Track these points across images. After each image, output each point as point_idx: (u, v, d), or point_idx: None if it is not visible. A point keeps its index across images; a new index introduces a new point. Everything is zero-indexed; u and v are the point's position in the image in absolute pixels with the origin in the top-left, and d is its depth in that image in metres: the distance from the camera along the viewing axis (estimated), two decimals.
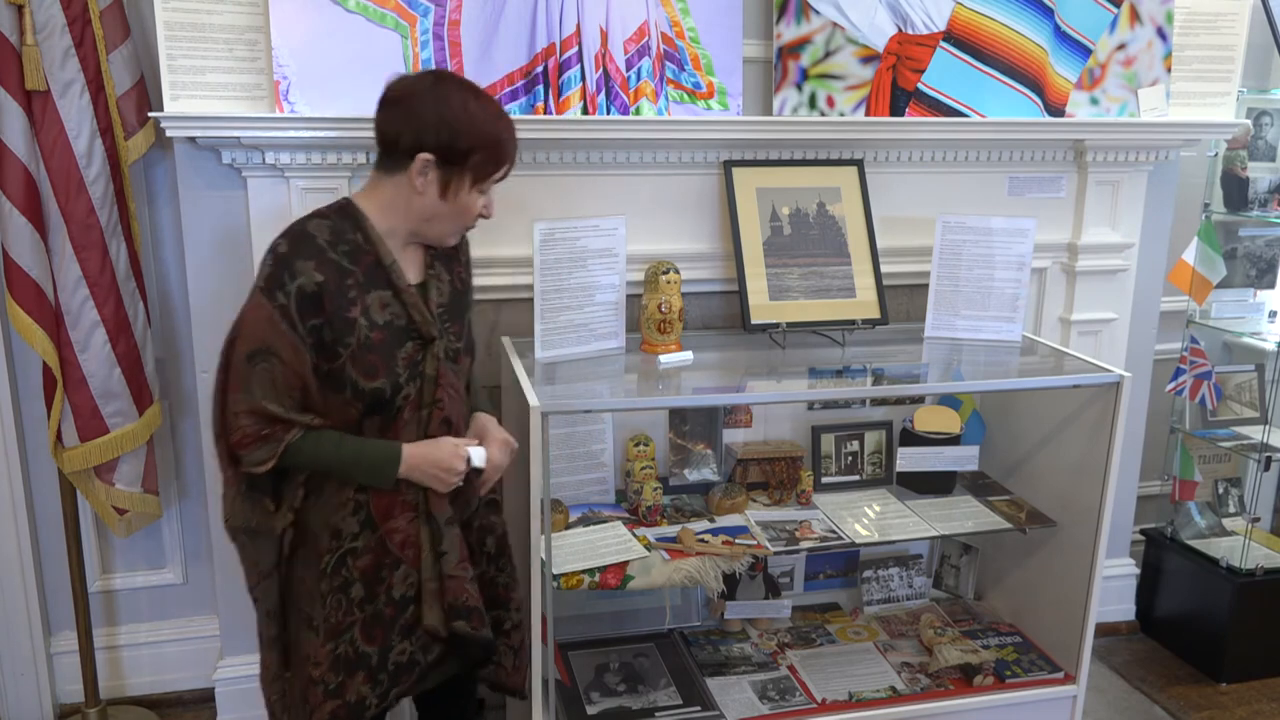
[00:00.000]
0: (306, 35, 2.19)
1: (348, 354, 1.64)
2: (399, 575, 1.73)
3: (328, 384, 1.66)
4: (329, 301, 1.63)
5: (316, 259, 1.63)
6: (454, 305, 1.81)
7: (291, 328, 1.61)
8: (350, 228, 1.69)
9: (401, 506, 1.72)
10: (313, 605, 1.72)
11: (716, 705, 2.34)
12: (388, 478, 1.69)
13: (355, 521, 1.71)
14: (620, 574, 2.18)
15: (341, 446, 1.67)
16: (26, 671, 2.64)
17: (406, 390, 1.70)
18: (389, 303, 1.69)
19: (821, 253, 2.53)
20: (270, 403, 1.62)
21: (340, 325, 1.64)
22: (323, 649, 1.71)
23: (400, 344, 1.69)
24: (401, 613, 1.74)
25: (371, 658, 1.72)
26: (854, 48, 2.54)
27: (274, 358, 1.62)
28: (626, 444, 2.52)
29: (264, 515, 1.71)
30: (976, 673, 2.43)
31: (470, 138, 1.67)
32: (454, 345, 1.78)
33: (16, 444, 2.52)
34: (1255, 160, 3.02)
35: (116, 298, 2.32)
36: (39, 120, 2.20)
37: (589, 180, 2.46)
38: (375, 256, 1.69)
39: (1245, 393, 3.18)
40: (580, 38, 2.36)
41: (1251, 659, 2.99)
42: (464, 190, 1.70)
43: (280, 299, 1.61)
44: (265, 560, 1.74)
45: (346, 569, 1.71)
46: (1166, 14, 2.70)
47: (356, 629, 1.72)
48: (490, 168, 1.71)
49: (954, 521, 2.48)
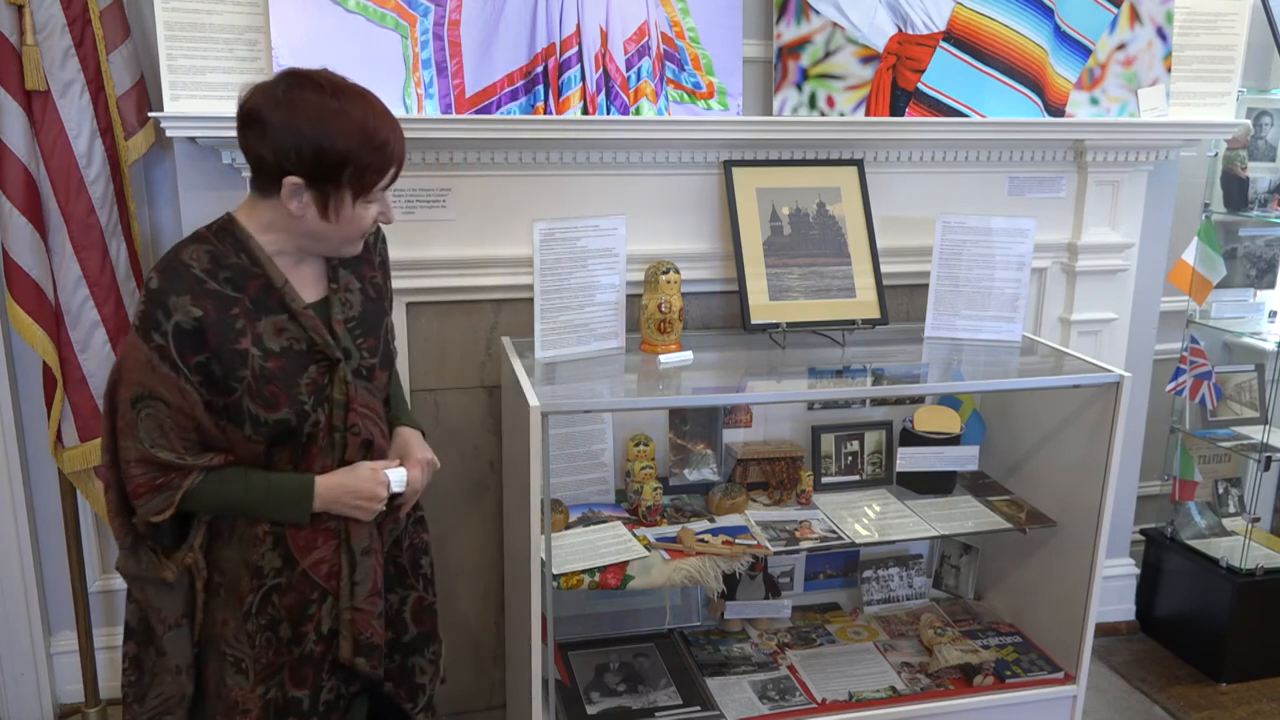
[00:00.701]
0: (306, 35, 2.18)
1: (243, 387, 1.52)
2: (325, 608, 1.61)
3: (226, 419, 1.54)
4: (212, 335, 1.50)
5: (191, 292, 1.49)
6: (366, 317, 1.67)
7: (173, 369, 1.48)
8: (233, 250, 1.55)
9: (325, 536, 1.61)
10: (239, 645, 1.60)
11: (716, 705, 2.34)
12: (302, 514, 1.57)
13: (276, 556, 1.59)
14: (620, 574, 2.18)
15: (249, 486, 1.56)
16: (26, 671, 2.64)
17: (314, 418, 1.57)
18: (285, 327, 1.56)
19: (821, 253, 2.53)
20: (160, 450, 1.51)
21: (229, 359, 1.51)
22: (253, 694, 1.59)
23: (302, 369, 1.56)
24: (331, 648, 1.63)
25: (303, 703, 1.62)
26: (854, 48, 2.54)
27: (158, 401, 1.49)
28: (626, 444, 2.52)
29: (151, 567, 1.58)
30: (976, 673, 2.43)
31: (337, 151, 1.48)
32: (367, 362, 1.65)
33: (16, 444, 2.52)
34: (1255, 160, 3.02)
35: (116, 298, 2.32)
36: (39, 120, 2.20)
37: (589, 180, 2.45)
38: (264, 279, 1.55)
39: (1245, 393, 3.18)
40: (580, 38, 2.36)
41: (1251, 659, 2.99)
42: (345, 206, 1.53)
43: (157, 339, 1.48)
44: (171, 609, 1.59)
45: (272, 606, 1.60)
46: (1166, 14, 2.71)
47: (286, 672, 1.61)
48: (370, 177, 1.52)
49: (954, 521, 2.48)
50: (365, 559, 1.63)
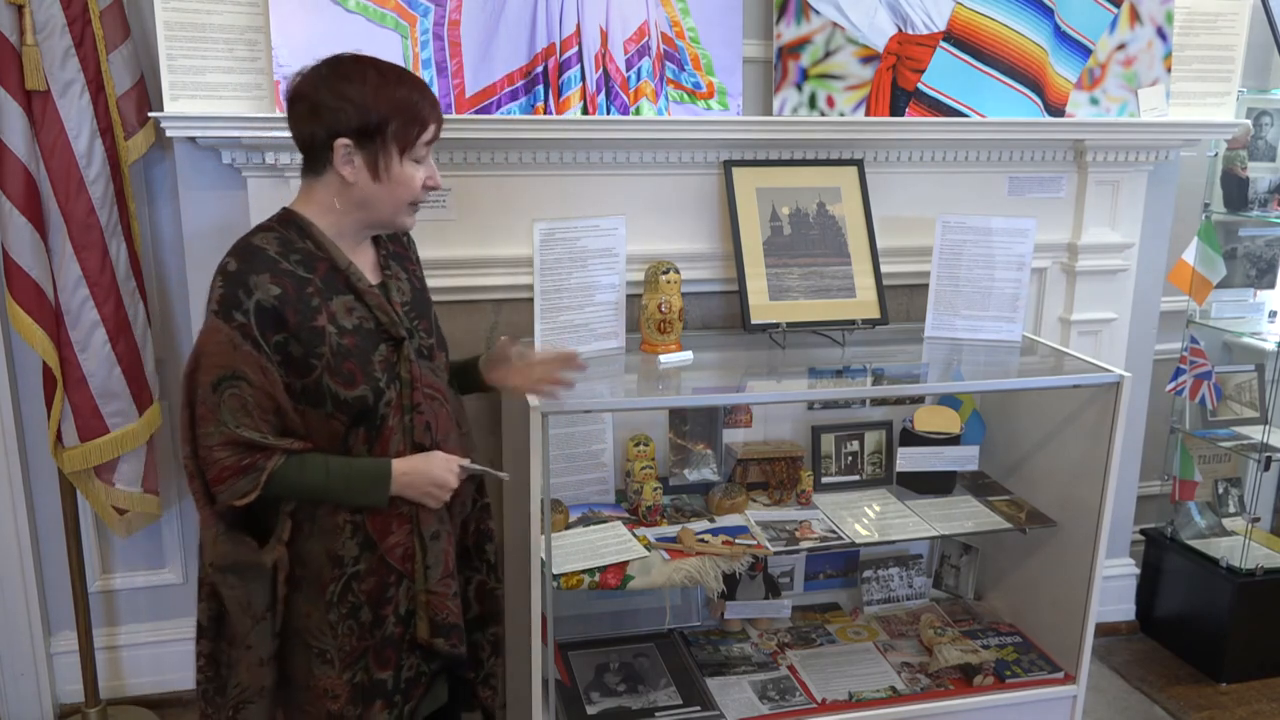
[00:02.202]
0: (306, 35, 2.18)
1: (322, 365, 1.56)
2: (402, 591, 1.68)
3: (305, 401, 1.58)
4: (291, 314, 1.55)
5: (270, 271, 1.56)
6: (418, 302, 1.74)
7: (255, 347, 1.53)
8: (298, 236, 1.62)
9: (399, 521, 1.65)
10: (323, 637, 1.65)
11: (716, 705, 2.34)
12: (381, 497, 1.62)
13: (354, 545, 1.63)
14: (620, 574, 2.18)
15: (329, 470, 1.60)
16: (26, 671, 2.64)
17: (388, 395, 1.62)
18: (353, 306, 1.61)
19: (821, 253, 2.53)
20: (246, 429, 1.54)
21: (308, 336, 1.56)
22: (340, 680, 1.65)
23: (374, 347, 1.62)
24: (408, 628, 1.69)
25: (387, 683, 1.68)
26: (854, 48, 2.54)
27: (241, 381, 1.53)
28: (626, 444, 2.52)
29: (250, 553, 1.61)
30: (976, 673, 2.43)
31: (380, 108, 1.58)
32: (426, 342, 1.71)
33: (16, 444, 2.52)
34: (1255, 160, 3.02)
35: (116, 298, 2.32)
36: (39, 120, 2.20)
37: (589, 180, 2.45)
38: (330, 262, 1.61)
39: (1245, 393, 3.18)
40: (580, 38, 2.36)
41: (1251, 659, 2.99)
42: (395, 163, 1.61)
43: (239, 318, 1.52)
44: (258, 602, 1.62)
45: (353, 594, 1.64)
46: (1166, 14, 2.70)
47: (370, 656, 1.67)
48: (413, 131, 1.61)
49: (954, 521, 2.48)
50: (435, 543, 1.68)
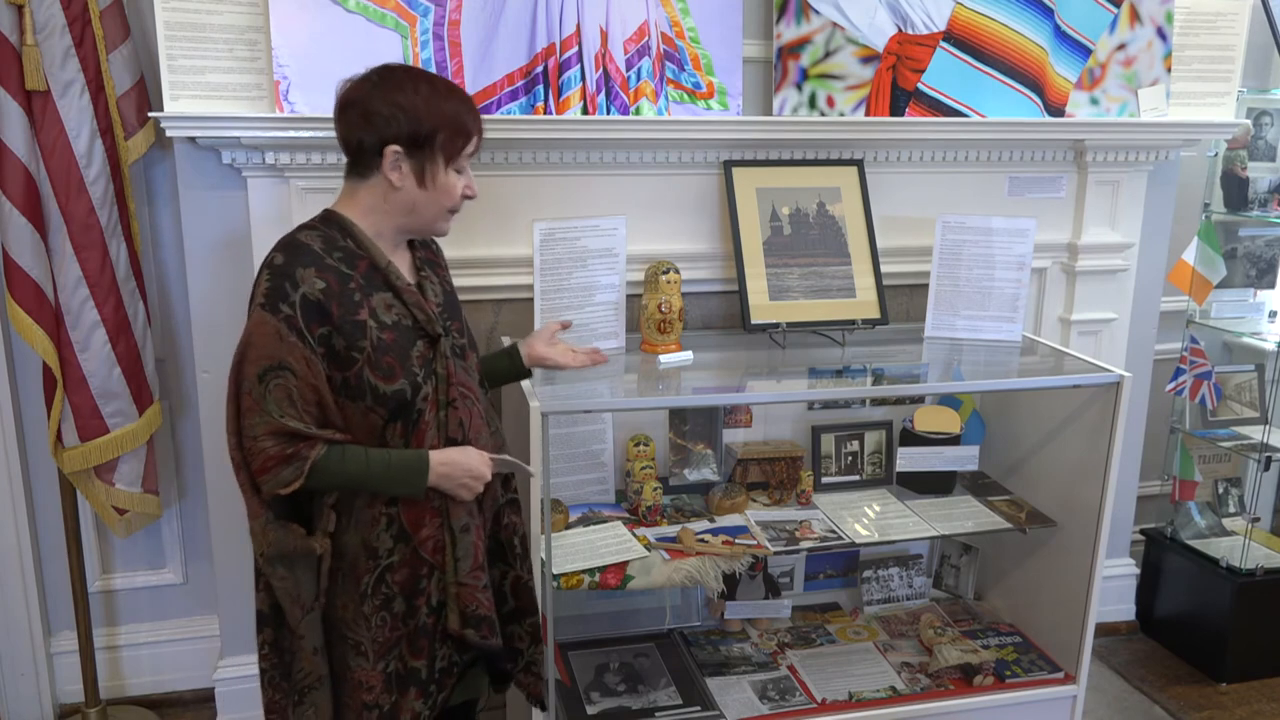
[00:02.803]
0: (306, 35, 2.19)
1: (363, 358, 1.61)
2: (434, 582, 1.70)
3: (345, 394, 1.63)
4: (336, 307, 1.60)
5: (316, 265, 1.61)
6: (450, 304, 1.79)
7: (300, 339, 1.58)
8: (339, 235, 1.67)
9: (431, 514, 1.69)
10: (357, 629, 1.69)
11: (716, 705, 2.34)
12: (418, 487, 1.65)
13: (389, 536, 1.68)
14: (620, 574, 2.18)
15: (369, 460, 1.64)
16: (26, 671, 2.64)
17: (425, 390, 1.67)
18: (392, 304, 1.67)
19: (821, 253, 2.53)
20: (291, 419, 1.58)
21: (351, 330, 1.61)
22: (374, 671, 1.69)
23: (411, 344, 1.66)
24: (440, 619, 1.72)
25: (421, 672, 1.71)
26: (854, 48, 2.54)
27: (286, 372, 1.58)
28: (626, 444, 2.52)
29: (299, 540, 1.65)
30: (976, 673, 2.43)
31: (430, 119, 1.65)
32: (458, 342, 1.76)
33: (16, 444, 2.52)
34: (1255, 160, 3.02)
35: (116, 298, 2.32)
36: (39, 120, 2.20)
37: (589, 180, 2.46)
38: (370, 260, 1.67)
39: (1245, 393, 3.18)
40: (580, 38, 2.36)
41: (1251, 659, 2.99)
42: (440, 173, 1.68)
43: (285, 310, 1.57)
44: (307, 592, 1.66)
45: (386, 585, 1.68)
46: (1166, 14, 2.70)
47: (404, 645, 1.70)
48: (459, 143, 1.68)
49: (954, 521, 2.48)
50: (465, 536, 1.71)
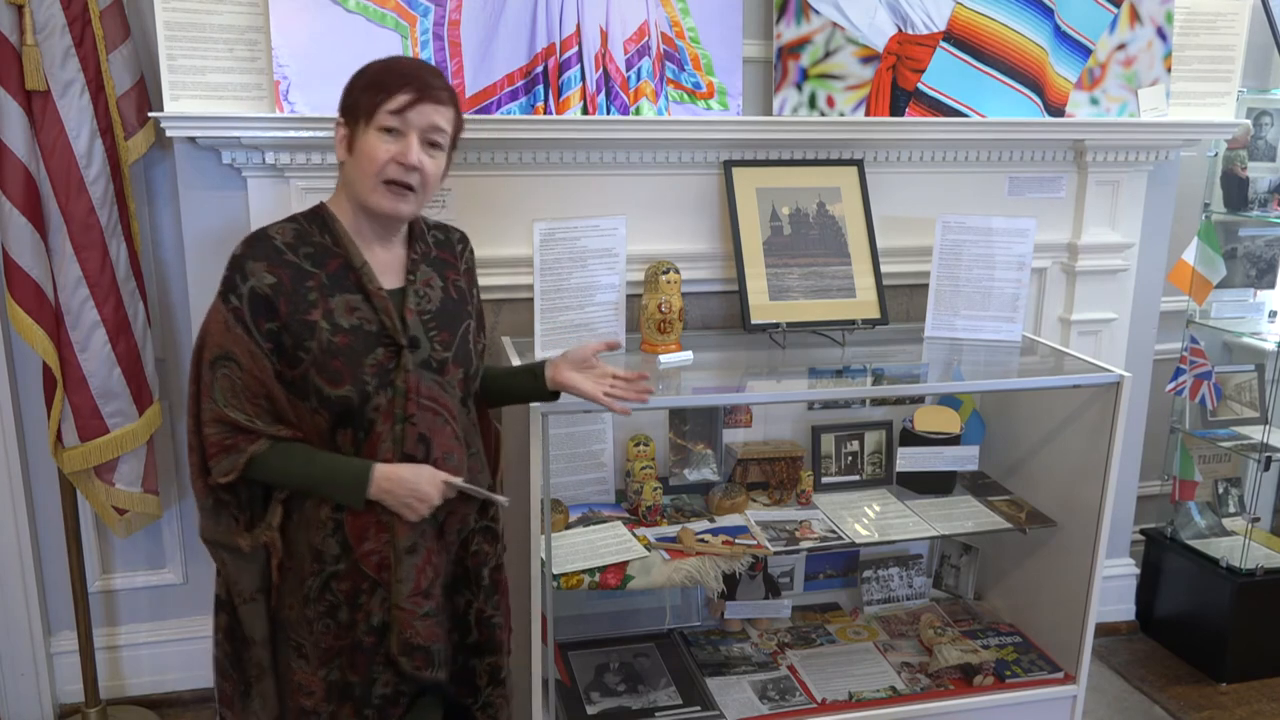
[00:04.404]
0: (306, 35, 2.19)
1: (309, 359, 1.58)
2: (376, 600, 1.64)
3: (294, 392, 1.60)
4: (284, 304, 1.58)
5: (269, 260, 1.59)
6: (445, 313, 1.71)
7: (246, 331, 1.57)
8: (319, 230, 1.65)
9: (377, 528, 1.63)
10: (299, 631, 1.66)
11: (716, 705, 2.34)
12: (357, 497, 1.60)
13: (335, 543, 1.63)
14: (620, 574, 2.18)
15: (312, 462, 1.61)
16: (26, 671, 2.63)
17: (376, 400, 1.61)
18: (358, 306, 1.62)
19: (821, 253, 2.53)
20: (233, 410, 1.58)
21: (298, 329, 1.58)
22: (314, 676, 1.65)
23: (368, 350, 1.61)
24: (382, 641, 1.66)
25: (355, 689, 1.66)
26: (854, 48, 2.54)
27: (232, 363, 1.57)
28: (626, 444, 2.52)
29: (225, 534, 1.65)
30: (976, 673, 2.43)
31: (357, 82, 1.64)
32: (439, 355, 1.68)
33: (16, 444, 2.52)
34: (1255, 160, 3.02)
35: (116, 298, 2.32)
36: (39, 120, 2.20)
37: (589, 180, 2.45)
38: (344, 259, 1.63)
39: (1245, 393, 3.18)
40: (580, 38, 2.36)
41: (1251, 659, 2.99)
42: (361, 136, 1.61)
43: (233, 302, 1.57)
44: (245, 583, 1.66)
45: (331, 593, 1.64)
46: (1166, 14, 2.70)
47: (344, 656, 1.66)
48: (376, 97, 1.60)
49: (954, 521, 2.48)
50: (409, 557, 1.64)
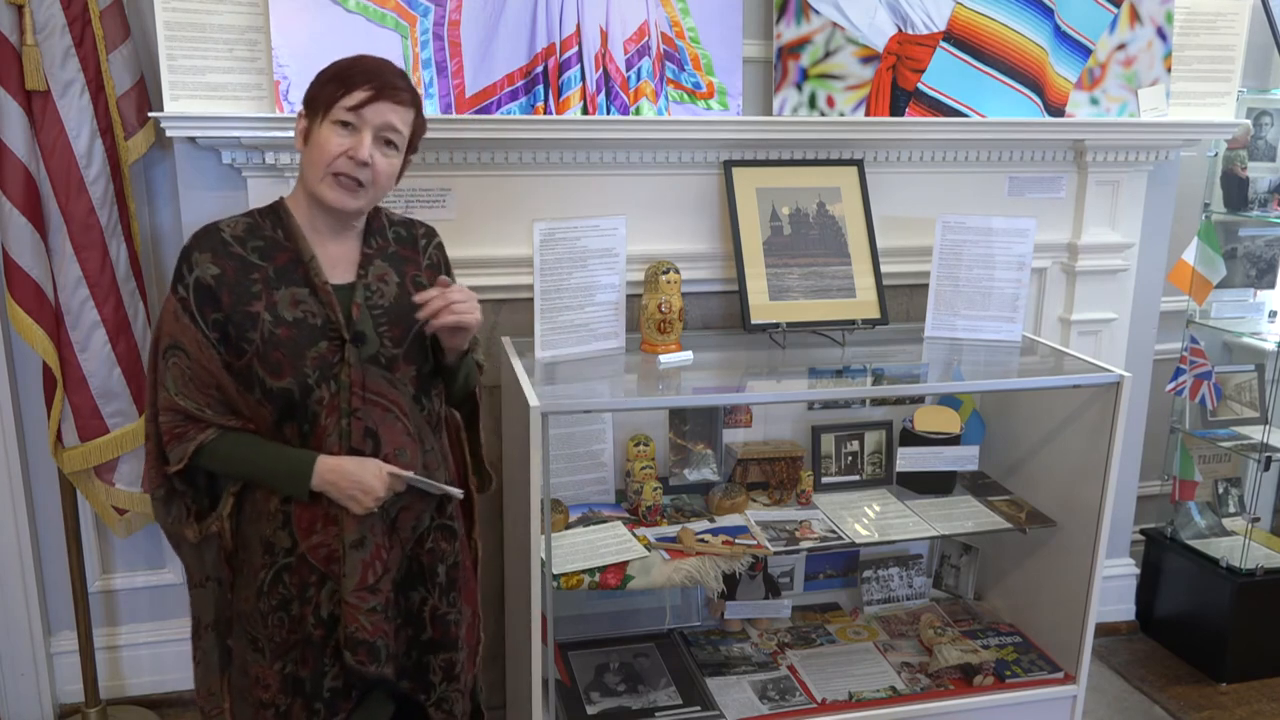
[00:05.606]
0: (306, 35, 2.18)
1: (252, 350, 1.60)
2: (324, 593, 1.64)
3: (242, 383, 1.62)
4: (227, 295, 1.60)
5: (214, 252, 1.62)
6: (398, 309, 1.70)
7: (192, 321, 1.60)
8: (272, 225, 1.67)
9: (325, 521, 1.64)
10: (253, 624, 1.67)
11: (716, 705, 2.34)
12: (300, 488, 1.61)
13: (285, 535, 1.64)
14: (620, 574, 2.18)
15: (259, 452, 1.63)
16: (26, 671, 2.64)
17: (318, 394, 1.62)
18: (303, 300, 1.63)
19: (821, 253, 2.53)
20: (183, 399, 1.61)
21: (241, 320, 1.60)
22: (270, 669, 1.66)
23: (311, 343, 1.62)
24: (331, 634, 1.65)
25: (306, 684, 1.67)
26: (854, 48, 2.54)
27: (180, 352, 1.61)
28: (626, 444, 2.52)
29: (175, 522, 1.68)
30: (976, 673, 2.43)
31: (321, 76, 1.65)
32: (389, 351, 1.67)
33: (16, 444, 2.52)
34: (1255, 160, 3.02)
35: (116, 298, 2.32)
36: (39, 120, 2.20)
37: (589, 180, 2.45)
38: (294, 253, 1.65)
39: (1245, 393, 3.18)
40: (580, 38, 2.36)
41: (1251, 659, 2.99)
42: (315, 128, 1.63)
43: (181, 292, 1.61)
44: (196, 568, 1.70)
45: (284, 586, 1.65)
46: (1166, 14, 2.70)
47: (297, 650, 1.66)
48: (336, 90, 1.61)
49: (954, 521, 2.48)
50: (355, 552, 1.64)
